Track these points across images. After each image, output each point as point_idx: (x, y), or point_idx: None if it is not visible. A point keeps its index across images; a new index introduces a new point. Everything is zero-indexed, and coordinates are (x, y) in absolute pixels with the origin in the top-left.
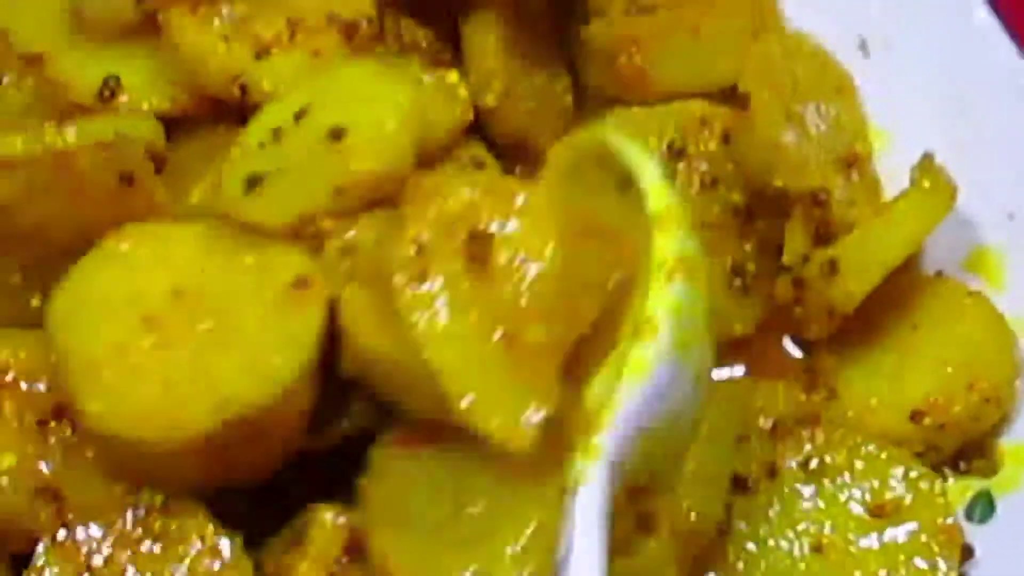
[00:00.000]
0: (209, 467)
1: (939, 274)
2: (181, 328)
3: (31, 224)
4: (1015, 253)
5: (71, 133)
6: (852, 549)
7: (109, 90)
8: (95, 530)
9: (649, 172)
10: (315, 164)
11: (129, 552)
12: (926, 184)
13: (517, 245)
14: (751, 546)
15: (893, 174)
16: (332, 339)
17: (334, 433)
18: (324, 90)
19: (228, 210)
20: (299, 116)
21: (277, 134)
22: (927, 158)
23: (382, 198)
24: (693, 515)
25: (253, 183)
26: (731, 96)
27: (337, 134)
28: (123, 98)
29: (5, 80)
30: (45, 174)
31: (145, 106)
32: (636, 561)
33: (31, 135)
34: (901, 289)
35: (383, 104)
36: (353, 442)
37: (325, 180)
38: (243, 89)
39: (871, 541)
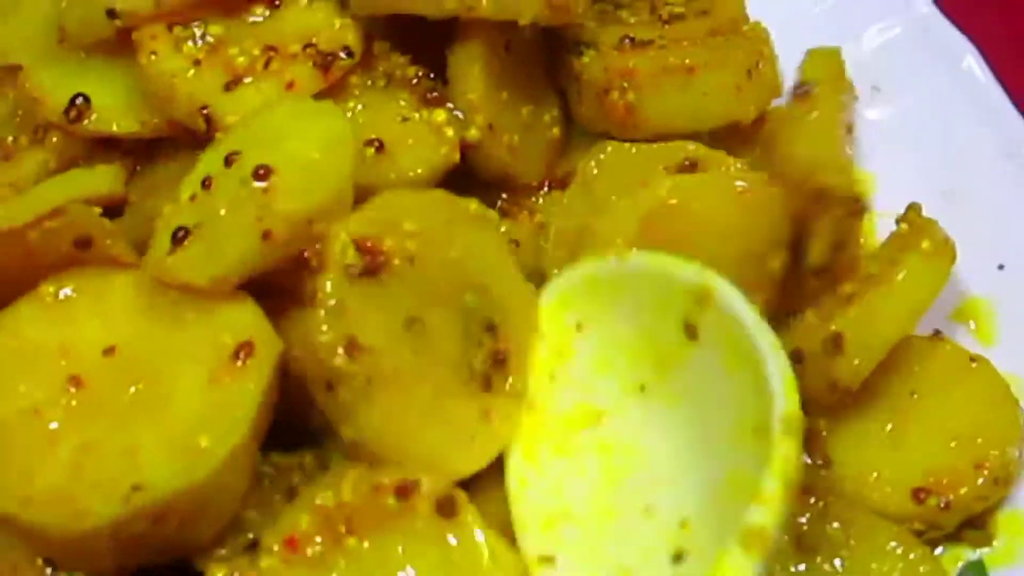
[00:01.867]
0: (121, 552)
1: (937, 334)
2: (107, 392)
3: None
4: (1005, 304)
5: (16, 208)
6: None
7: (76, 110)
8: None
9: (781, 369)
10: (240, 210)
11: None
12: (925, 245)
13: None
14: None
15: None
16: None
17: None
18: (256, 131)
19: (153, 271)
20: (229, 161)
21: (207, 183)
22: (914, 209)
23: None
24: None
25: (179, 239)
26: (723, 138)
27: (262, 174)
28: (91, 117)
29: None
30: None
31: (114, 127)
32: None
33: None
34: (895, 351)
35: (310, 137)
36: None
37: (251, 226)
38: (208, 121)
39: None
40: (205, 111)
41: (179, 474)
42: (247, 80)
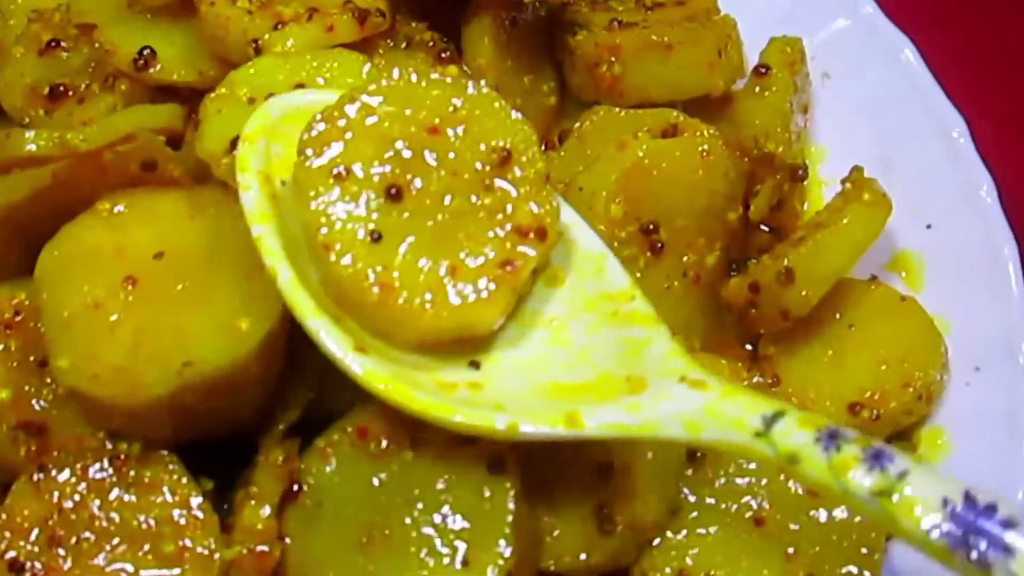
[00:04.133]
0: (177, 422)
1: (873, 279)
2: (158, 288)
3: (51, 208)
4: (932, 257)
5: (93, 133)
6: (790, 525)
7: (143, 60)
8: (70, 474)
9: None
10: None
11: (100, 499)
12: (866, 197)
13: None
14: (695, 514)
15: (825, 183)
16: None
17: (278, 423)
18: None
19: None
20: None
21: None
22: (858, 170)
23: None
24: (651, 510)
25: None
26: (695, 109)
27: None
28: (156, 67)
29: (64, 44)
30: (71, 168)
31: (175, 76)
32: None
33: (55, 135)
34: (837, 290)
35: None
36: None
37: None
38: (257, 50)
39: (807, 518)
40: (255, 43)
41: (224, 352)
42: (292, 24)
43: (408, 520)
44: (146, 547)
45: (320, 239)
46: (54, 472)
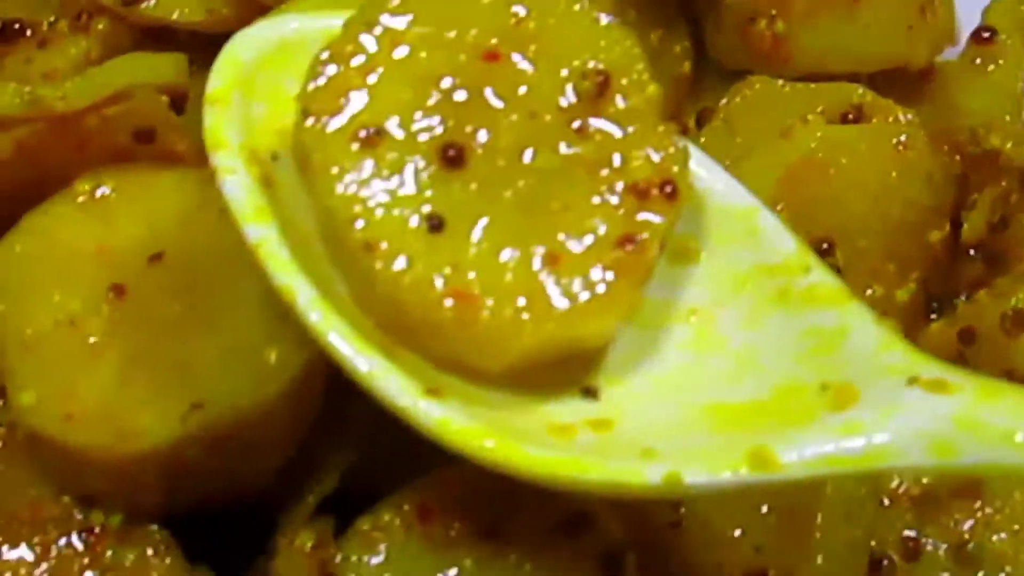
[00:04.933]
0: (173, 486)
1: None
2: (155, 302)
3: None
4: None
5: (73, 89)
6: None
7: None
8: (25, 552)
9: None
10: None
11: None
12: None
13: None
14: None
15: None
16: None
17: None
18: None
19: None
20: None
21: None
22: None
23: None
24: None
25: None
26: (884, 86)
27: None
28: (150, 2)
29: None
30: (40, 137)
31: (175, 15)
32: None
33: (25, 90)
34: None
35: None
36: None
37: None
38: None
39: None
40: None
41: (243, 391)
42: None
43: None
44: None
45: (356, 237)
46: (4, 551)
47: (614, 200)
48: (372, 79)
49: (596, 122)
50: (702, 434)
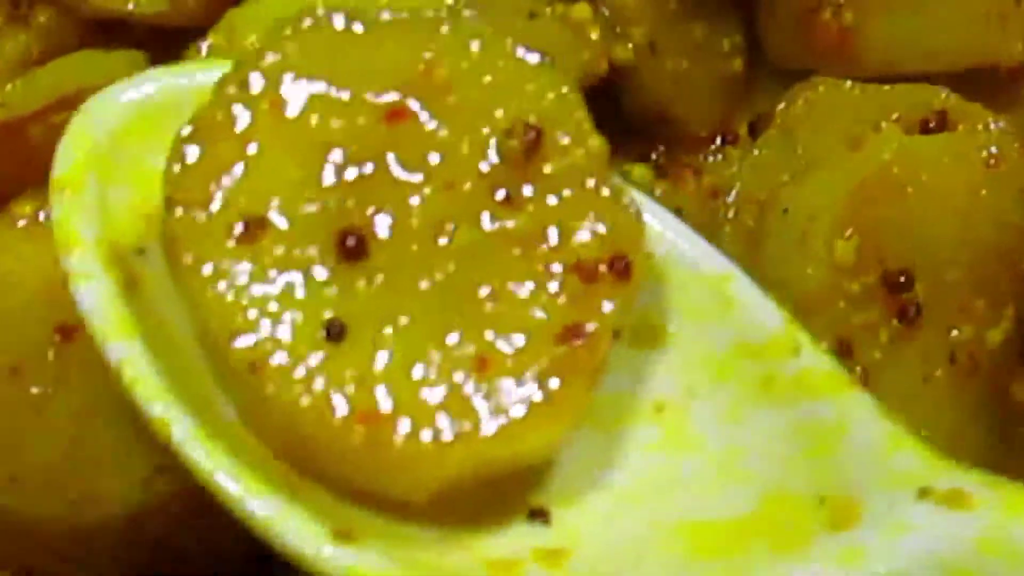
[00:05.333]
0: (130, 563)
1: None
2: None
3: None
4: None
5: (14, 95)
6: None
7: None
8: None
9: None
10: None
11: None
12: None
13: None
14: None
15: None
16: None
17: None
18: None
19: None
20: None
21: None
22: None
23: None
24: None
25: None
26: (969, 88)
27: None
28: None
29: None
30: None
31: (130, 6)
32: None
33: None
34: None
35: None
36: None
37: None
38: None
39: None
40: None
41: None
42: None
43: None
44: None
45: (240, 356)
46: None
47: (554, 285)
48: (250, 154)
49: (527, 189)
50: (677, 563)
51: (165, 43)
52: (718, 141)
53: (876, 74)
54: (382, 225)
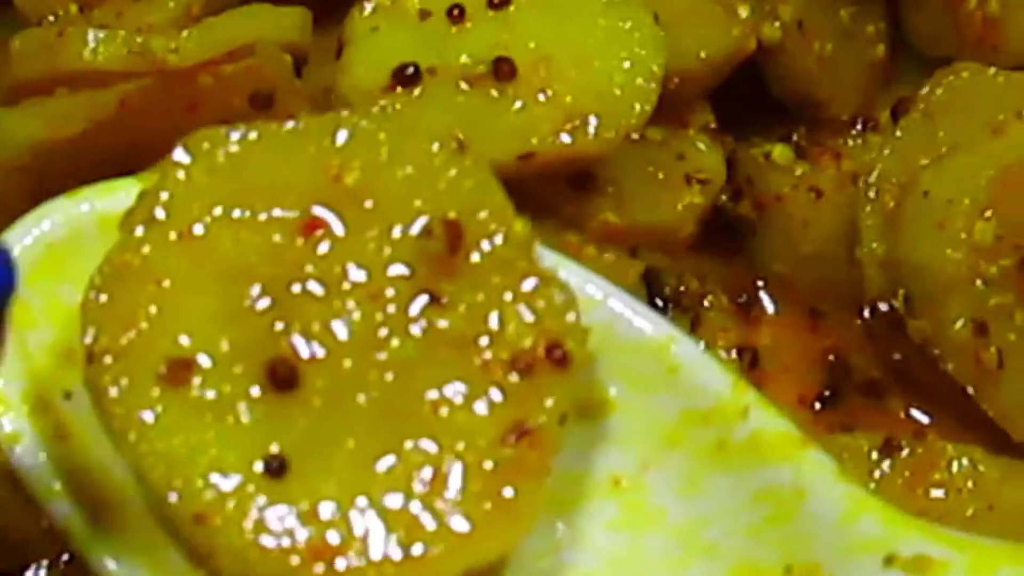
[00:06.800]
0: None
1: None
2: None
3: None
4: None
5: (186, 43)
6: None
7: None
8: None
9: None
10: None
11: None
12: None
13: None
14: None
15: None
16: None
17: None
18: None
19: None
20: None
21: None
22: None
23: None
24: None
25: None
26: None
27: None
28: None
29: None
30: (147, 94)
31: None
32: None
33: (136, 40)
34: None
35: None
36: None
37: None
38: None
39: None
40: None
41: None
42: None
43: None
44: None
45: (182, 510)
46: None
47: (492, 385)
48: (165, 293)
49: (454, 285)
50: None
51: (326, 3)
52: (859, 126)
53: (1019, 64)
54: (311, 347)
